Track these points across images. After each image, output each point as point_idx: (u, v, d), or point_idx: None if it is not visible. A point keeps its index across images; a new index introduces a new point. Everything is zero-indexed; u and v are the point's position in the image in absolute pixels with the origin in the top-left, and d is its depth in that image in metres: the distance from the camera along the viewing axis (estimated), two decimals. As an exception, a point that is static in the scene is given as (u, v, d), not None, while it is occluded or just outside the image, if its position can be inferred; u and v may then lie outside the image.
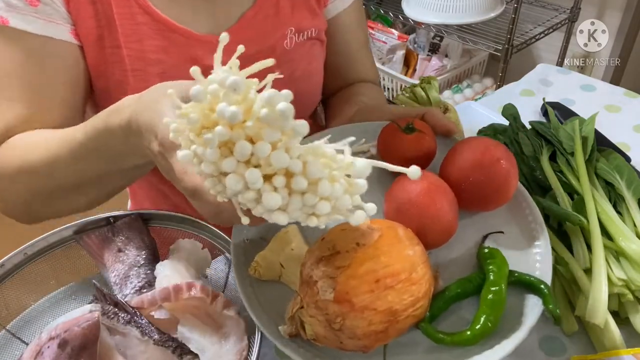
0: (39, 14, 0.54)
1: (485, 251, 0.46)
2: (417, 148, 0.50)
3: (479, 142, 0.49)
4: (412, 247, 0.40)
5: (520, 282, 0.45)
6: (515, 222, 0.50)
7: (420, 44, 2.00)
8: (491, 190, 0.47)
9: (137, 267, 0.53)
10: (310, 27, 0.69)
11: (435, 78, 0.63)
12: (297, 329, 0.41)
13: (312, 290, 0.39)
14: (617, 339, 0.49)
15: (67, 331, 0.43)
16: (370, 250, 0.39)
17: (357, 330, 0.38)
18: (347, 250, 0.39)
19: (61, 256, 0.55)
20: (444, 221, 0.45)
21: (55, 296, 0.55)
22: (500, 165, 0.47)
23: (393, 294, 0.38)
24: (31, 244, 0.54)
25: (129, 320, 0.46)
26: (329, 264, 0.38)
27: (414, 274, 0.39)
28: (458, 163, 0.48)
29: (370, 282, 0.38)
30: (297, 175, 0.32)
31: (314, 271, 0.39)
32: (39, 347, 0.44)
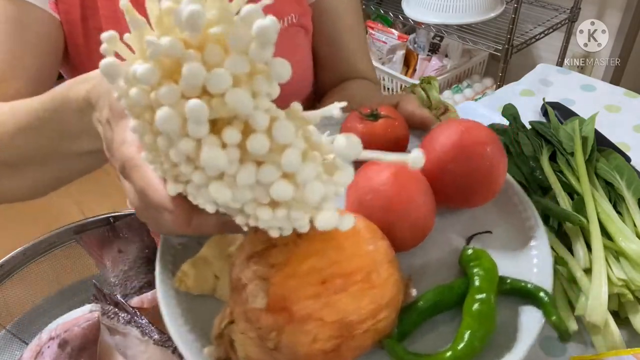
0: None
1: (469, 252, 0.38)
2: (384, 136, 0.42)
3: (459, 124, 0.40)
4: (374, 241, 0.32)
5: (514, 290, 0.36)
6: (505, 220, 0.42)
7: (420, 44, 2.00)
8: (474, 181, 0.39)
9: (137, 267, 0.53)
10: (290, 12, 0.65)
11: (436, 78, 0.63)
12: (227, 350, 0.31)
13: (241, 298, 0.30)
14: (617, 339, 0.49)
15: (67, 331, 0.43)
16: (316, 243, 0.29)
17: (299, 348, 0.28)
18: (286, 242, 0.29)
19: (61, 256, 0.56)
20: (415, 216, 0.36)
21: (55, 296, 0.55)
22: (484, 149, 0.38)
23: (346, 299, 0.28)
24: (31, 244, 0.54)
25: (129, 320, 0.46)
26: (262, 261, 0.29)
27: (375, 275, 0.30)
28: (434, 149, 0.39)
29: (315, 283, 0.28)
30: (259, 132, 0.22)
31: (243, 272, 0.30)
32: (39, 347, 0.44)
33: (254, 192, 0.23)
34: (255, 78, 0.22)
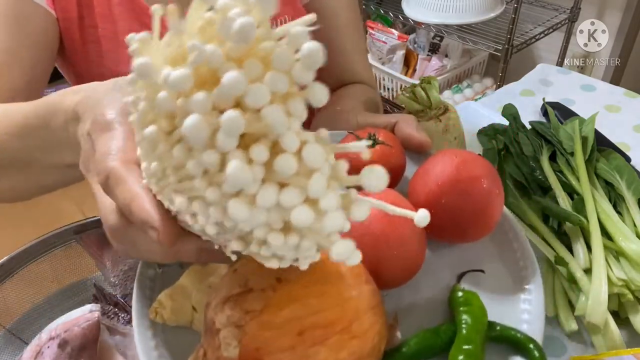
0: None
1: (459, 295, 0.36)
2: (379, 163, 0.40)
3: (454, 156, 0.38)
4: (358, 286, 0.30)
5: (503, 338, 0.35)
6: (500, 258, 0.41)
7: (420, 44, 2.00)
8: (469, 216, 0.37)
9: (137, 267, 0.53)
10: (283, 14, 0.65)
11: (435, 78, 0.63)
12: None
13: (214, 342, 0.28)
14: (617, 339, 0.49)
15: (67, 331, 0.43)
16: (296, 290, 0.27)
17: None
18: (263, 288, 0.27)
19: (61, 256, 0.56)
20: (406, 254, 0.35)
21: (55, 296, 0.55)
22: (479, 184, 0.37)
23: (324, 352, 0.27)
24: (31, 244, 0.54)
25: (129, 320, 0.46)
26: (237, 306, 0.27)
27: (357, 324, 0.28)
28: (428, 181, 0.38)
29: (292, 334, 0.26)
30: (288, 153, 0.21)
31: (217, 315, 0.28)
32: (39, 347, 0.44)
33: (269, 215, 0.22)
34: (292, 99, 0.21)
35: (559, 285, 0.55)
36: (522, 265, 0.40)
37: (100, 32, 0.59)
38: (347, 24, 0.73)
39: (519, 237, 0.41)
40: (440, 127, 0.62)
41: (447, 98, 1.94)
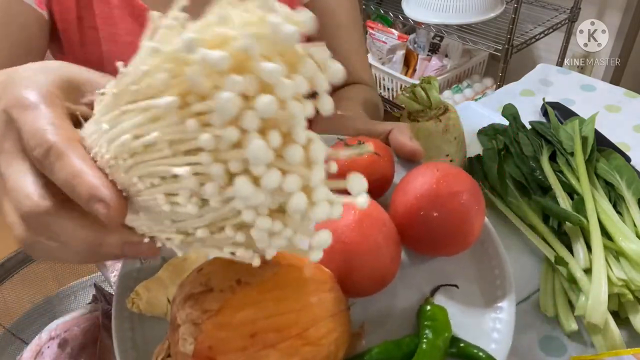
0: None
1: (427, 309, 0.36)
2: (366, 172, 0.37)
3: (437, 169, 0.38)
4: (319, 293, 0.30)
5: (464, 355, 0.34)
6: (477, 274, 0.40)
7: (420, 44, 2.00)
8: (446, 231, 0.37)
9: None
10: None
11: (435, 78, 0.63)
12: None
13: (175, 337, 0.29)
14: (617, 339, 0.49)
15: (67, 331, 0.43)
16: (254, 293, 0.28)
17: None
18: (223, 288, 0.28)
19: (61, 256, 0.56)
20: (377, 263, 0.34)
21: (55, 296, 0.55)
22: (458, 200, 0.36)
23: (275, 355, 0.27)
24: (31, 244, 0.54)
25: (129, 320, 0.46)
26: (197, 304, 0.28)
27: (313, 330, 0.28)
28: (408, 193, 0.38)
29: (245, 335, 0.27)
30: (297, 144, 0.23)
31: (179, 311, 0.29)
32: (39, 347, 0.44)
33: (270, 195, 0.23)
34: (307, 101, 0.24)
35: (559, 285, 0.55)
36: (498, 284, 0.39)
37: (100, 33, 0.59)
38: (347, 24, 0.73)
39: (499, 255, 0.40)
40: (440, 127, 0.62)
41: (447, 98, 1.94)
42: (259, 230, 0.24)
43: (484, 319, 0.38)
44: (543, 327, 0.53)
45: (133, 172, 0.25)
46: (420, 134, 0.62)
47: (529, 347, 0.52)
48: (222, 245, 0.26)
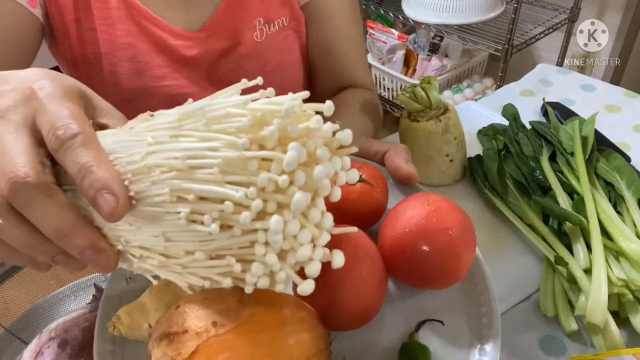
0: None
1: (410, 348, 0.35)
2: (358, 202, 0.40)
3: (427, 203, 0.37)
4: (297, 334, 0.29)
5: None
6: (464, 309, 0.40)
7: (420, 44, 2.00)
8: (434, 267, 0.36)
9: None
10: (280, 15, 0.66)
11: (435, 78, 0.63)
12: None
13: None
14: (617, 339, 0.49)
15: (67, 331, 0.43)
16: (229, 337, 0.27)
17: None
18: (198, 331, 0.28)
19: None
20: (361, 297, 0.34)
21: (55, 296, 0.55)
22: (447, 236, 0.36)
23: None
24: (31, 244, 0.54)
25: (129, 320, 0.46)
26: (172, 345, 0.28)
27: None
28: (396, 226, 0.37)
29: None
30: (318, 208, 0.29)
31: (154, 349, 0.29)
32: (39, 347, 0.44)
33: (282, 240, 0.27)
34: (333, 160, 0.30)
35: (559, 285, 0.55)
36: (485, 323, 0.38)
37: (98, 34, 0.59)
38: (347, 26, 0.73)
39: (488, 291, 0.39)
40: (440, 127, 0.62)
41: (447, 98, 1.94)
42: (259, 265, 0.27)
43: (468, 355, 0.37)
44: (543, 327, 0.53)
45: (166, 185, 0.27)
46: (420, 134, 0.62)
47: (529, 347, 0.52)
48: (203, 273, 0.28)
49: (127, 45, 0.61)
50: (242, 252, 0.27)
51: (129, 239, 0.29)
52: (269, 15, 0.65)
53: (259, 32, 0.65)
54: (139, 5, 0.60)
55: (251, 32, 0.65)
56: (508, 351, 0.51)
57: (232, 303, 0.29)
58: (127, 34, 0.60)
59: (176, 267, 0.29)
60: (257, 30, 0.64)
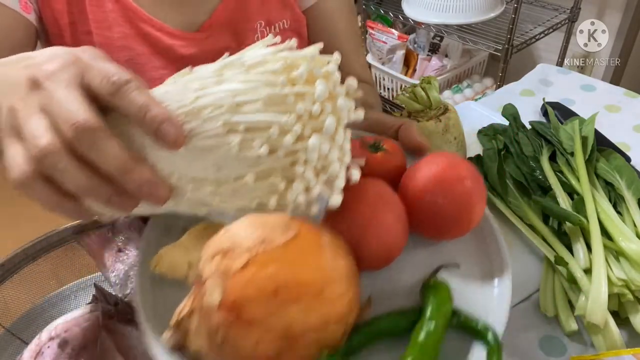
0: None
1: (430, 284, 0.39)
2: (382, 167, 0.44)
3: (444, 159, 0.42)
4: (335, 259, 0.33)
5: (464, 326, 0.37)
6: (477, 255, 0.43)
7: (420, 44, 2.00)
8: (450, 214, 0.40)
9: (137, 267, 0.53)
10: (281, 18, 0.66)
11: (435, 78, 0.63)
12: (182, 340, 0.33)
13: (200, 291, 0.31)
14: (617, 339, 0.49)
15: (67, 331, 0.43)
16: (278, 252, 0.31)
17: (242, 349, 0.29)
18: (249, 246, 0.31)
19: (61, 256, 0.56)
20: (387, 239, 0.38)
21: (55, 296, 0.55)
22: (463, 184, 0.40)
23: (294, 310, 0.30)
24: (31, 244, 0.54)
25: (129, 321, 0.46)
26: (224, 260, 0.31)
27: (328, 291, 0.31)
28: (416, 178, 0.41)
29: (268, 290, 0.29)
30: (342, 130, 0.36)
31: (205, 267, 0.32)
32: (39, 347, 0.44)
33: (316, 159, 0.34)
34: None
35: (559, 285, 0.55)
36: (496, 264, 0.43)
37: (94, 38, 0.59)
38: (346, 27, 0.74)
39: (497, 238, 0.44)
40: (440, 127, 0.62)
41: (447, 98, 1.94)
42: (299, 183, 0.32)
43: (483, 296, 0.40)
44: (543, 327, 0.53)
45: (219, 119, 0.32)
46: None
47: (529, 347, 0.52)
48: (252, 194, 0.33)
49: (124, 48, 0.60)
50: (284, 173, 0.33)
51: (182, 173, 0.33)
52: (270, 18, 0.66)
53: (260, 35, 0.65)
54: (135, 7, 0.60)
55: (253, 34, 0.65)
56: (508, 351, 0.51)
57: (277, 225, 0.32)
58: (123, 36, 0.60)
59: (227, 192, 0.33)
60: (258, 32, 0.65)
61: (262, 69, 0.34)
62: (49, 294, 0.55)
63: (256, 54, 0.35)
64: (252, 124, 0.32)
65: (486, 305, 0.39)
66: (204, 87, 0.33)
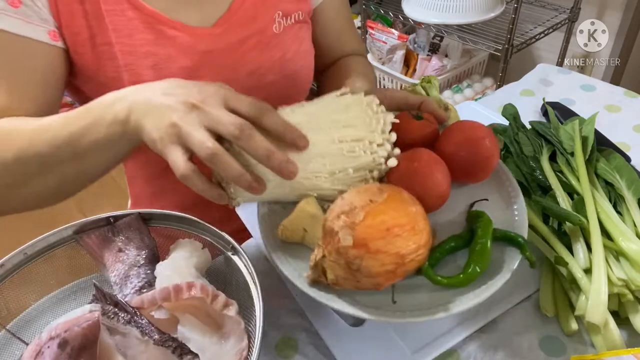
0: (18, 14, 0.55)
1: (473, 212, 0.55)
2: (424, 131, 0.59)
3: (468, 124, 0.58)
4: (414, 205, 0.48)
5: (502, 237, 0.52)
6: (497, 191, 0.58)
7: (420, 44, 2.00)
8: (477, 163, 0.56)
9: (137, 267, 0.53)
10: (297, 10, 0.70)
11: (436, 77, 0.64)
12: (319, 275, 0.48)
13: (333, 240, 0.46)
14: (617, 339, 0.49)
15: (67, 331, 0.43)
16: (381, 206, 0.46)
17: (372, 269, 0.45)
18: (362, 205, 0.46)
19: (61, 256, 0.55)
20: (439, 189, 0.53)
21: (55, 296, 0.55)
22: (484, 142, 0.55)
23: (400, 240, 0.45)
24: (31, 244, 0.54)
25: (129, 320, 0.46)
26: (348, 217, 0.46)
27: (416, 226, 0.46)
28: (450, 141, 0.56)
29: (382, 230, 0.45)
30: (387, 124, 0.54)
31: (335, 223, 0.46)
32: (39, 347, 0.44)
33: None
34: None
35: (559, 285, 0.55)
36: (512, 194, 0.57)
37: (115, 47, 0.59)
38: (342, 7, 0.80)
39: (510, 178, 0.58)
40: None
41: (447, 98, 1.94)
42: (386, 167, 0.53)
43: (507, 215, 0.55)
44: (543, 327, 0.53)
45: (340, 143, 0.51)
46: None
47: (529, 347, 0.52)
48: (350, 182, 0.52)
49: (148, 54, 0.61)
50: (371, 166, 0.52)
51: (304, 167, 0.49)
52: (287, 10, 0.69)
53: (277, 25, 0.69)
54: (154, 12, 0.60)
55: (271, 24, 0.68)
56: (508, 351, 0.52)
57: (375, 191, 0.47)
58: (145, 43, 0.60)
59: (337, 179, 0.52)
60: (275, 22, 0.68)
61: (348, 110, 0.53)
62: (49, 294, 0.55)
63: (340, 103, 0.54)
64: (354, 137, 0.51)
65: (511, 222, 0.54)
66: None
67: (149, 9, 0.60)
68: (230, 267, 0.54)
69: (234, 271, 0.52)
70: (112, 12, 0.58)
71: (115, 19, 0.59)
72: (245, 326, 0.48)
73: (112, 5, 0.58)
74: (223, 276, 0.55)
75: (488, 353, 0.52)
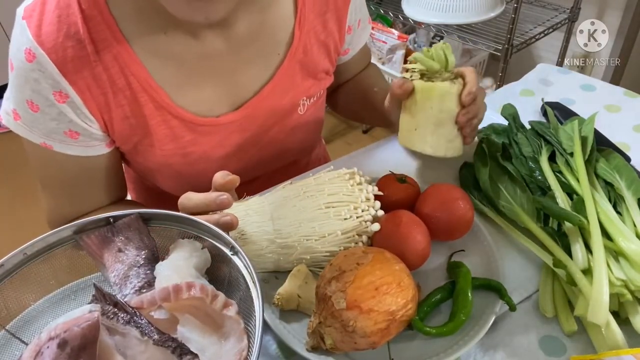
0: (78, 143, 0.61)
1: (454, 264, 0.58)
2: (407, 192, 0.64)
3: (444, 187, 0.63)
4: (397, 264, 0.52)
5: (481, 284, 0.56)
6: (473, 245, 0.62)
7: (420, 43, 2.00)
8: (453, 224, 0.60)
9: (137, 267, 0.53)
10: (320, 89, 0.73)
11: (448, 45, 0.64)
12: (318, 341, 0.51)
13: (327, 305, 0.49)
14: (619, 339, 0.49)
15: (67, 331, 0.43)
16: (368, 268, 0.50)
17: (367, 329, 0.48)
18: (351, 269, 0.50)
19: (61, 256, 0.55)
20: (419, 247, 0.57)
21: (55, 296, 0.55)
22: (458, 203, 0.60)
23: (389, 297, 0.49)
24: (31, 244, 0.54)
25: (129, 320, 0.46)
26: (339, 281, 0.50)
27: (402, 283, 0.50)
28: (428, 203, 0.62)
29: (372, 290, 0.49)
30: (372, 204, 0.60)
31: (327, 289, 0.50)
32: (38, 347, 0.44)
33: None
34: None
35: (559, 285, 0.55)
36: (487, 247, 0.61)
37: (158, 152, 0.65)
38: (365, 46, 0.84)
39: (484, 233, 0.63)
40: (454, 88, 0.61)
41: (447, 98, 1.93)
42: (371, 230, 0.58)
43: (483, 263, 0.60)
44: (543, 327, 0.53)
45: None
46: (434, 93, 0.62)
47: (529, 347, 0.52)
48: (340, 243, 0.57)
49: (190, 154, 0.67)
50: (357, 229, 0.58)
51: (295, 232, 0.56)
52: (310, 92, 0.72)
53: (302, 107, 0.72)
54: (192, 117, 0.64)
55: (296, 108, 0.71)
56: (508, 351, 0.52)
57: (360, 254, 0.52)
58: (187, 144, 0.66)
59: (327, 241, 0.57)
60: (300, 105, 0.71)
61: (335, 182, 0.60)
62: (48, 294, 0.55)
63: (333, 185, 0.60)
64: (340, 205, 0.58)
65: (488, 268, 0.59)
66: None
67: (188, 115, 0.64)
68: (230, 267, 0.53)
69: (234, 271, 0.52)
70: (158, 123, 0.63)
71: (159, 129, 0.63)
72: (245, 326, 0.48)
73: (156, 118, 0.63)
74: (223, 276, 0.55)
75: (488, 353, 0.52)
